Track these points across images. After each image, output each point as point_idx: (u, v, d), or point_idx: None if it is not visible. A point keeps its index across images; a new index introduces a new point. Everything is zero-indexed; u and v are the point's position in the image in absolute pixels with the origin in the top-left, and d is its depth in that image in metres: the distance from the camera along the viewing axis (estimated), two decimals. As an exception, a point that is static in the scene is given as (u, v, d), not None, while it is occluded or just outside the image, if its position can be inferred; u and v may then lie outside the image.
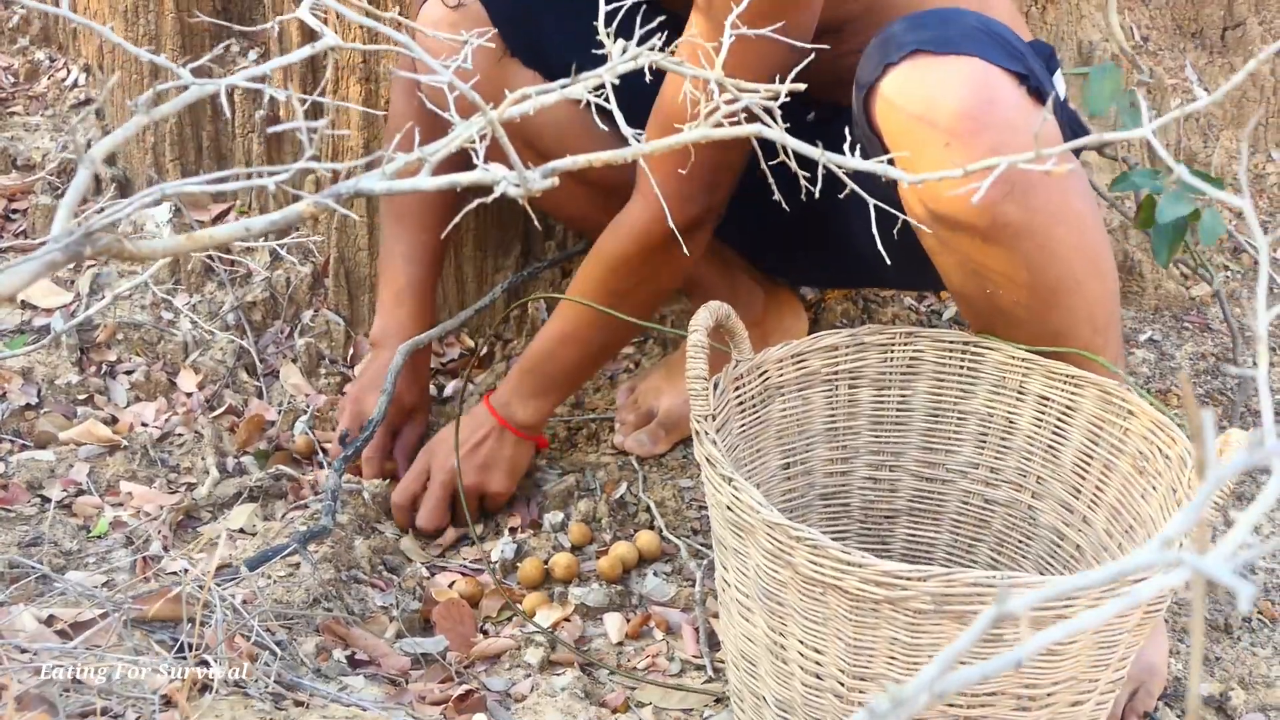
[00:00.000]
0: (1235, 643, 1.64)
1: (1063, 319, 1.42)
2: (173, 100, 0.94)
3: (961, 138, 1.28)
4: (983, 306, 1.45)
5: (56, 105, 2.33)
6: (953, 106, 1.28)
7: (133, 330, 2.01)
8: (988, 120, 1.28)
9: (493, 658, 1.59)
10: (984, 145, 1.27)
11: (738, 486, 1.21)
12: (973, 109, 1.28)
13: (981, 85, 1.29)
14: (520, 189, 0.93)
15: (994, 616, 0.51)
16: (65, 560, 1.63)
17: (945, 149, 1.29)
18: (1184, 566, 0.51)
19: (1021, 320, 1.43)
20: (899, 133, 1.32)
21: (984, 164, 0.96)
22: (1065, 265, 1.38)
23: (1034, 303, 1.40)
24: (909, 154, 1.31)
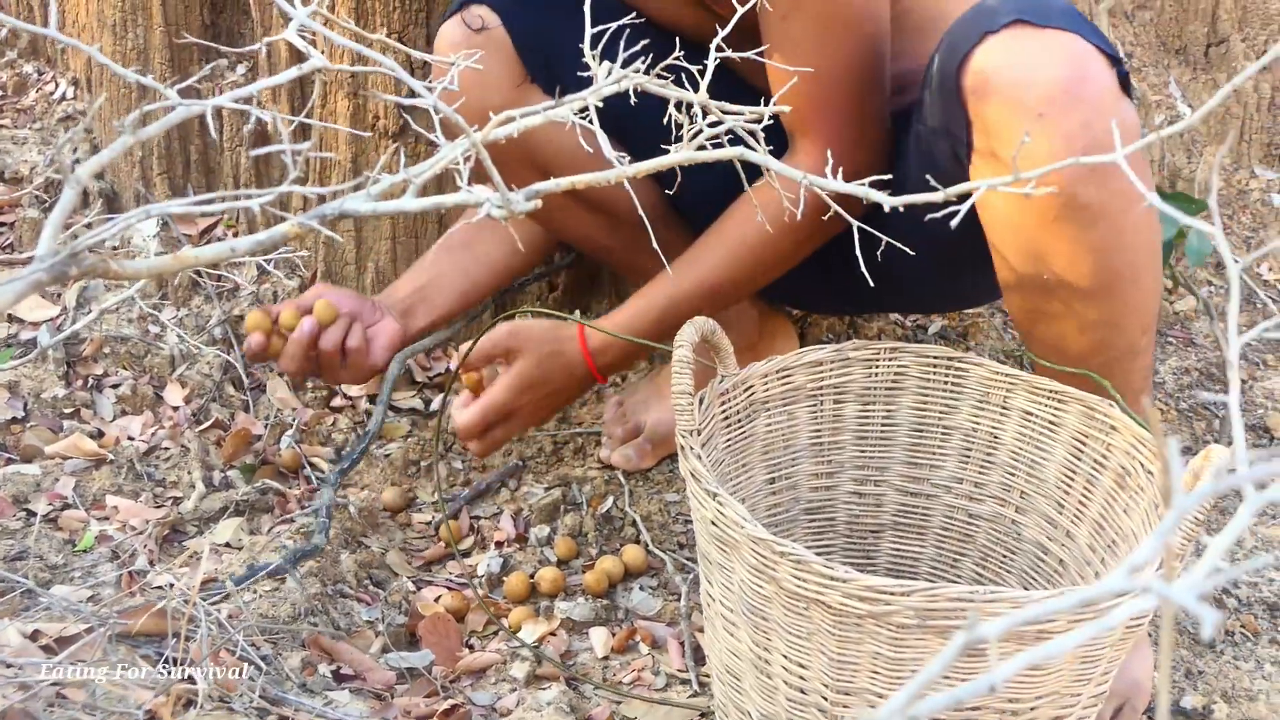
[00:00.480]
0: (1218, 656, 1.64)
1: (1115, 310, 1.41)
2: (159, 121, 0.94)
3: (1056, 109, 1.29)
4: (1034, 294, 1.43)
5: (44, 119, 2.33)
6: (1051, 77, 1.29)
7: (119, 344, 2.01)
8: (1082, 96, 1.29)
9: (478, 672, 1.59)
10: (1076, 120, 1.29)
11: (722, 501, 1.21)
12: (1070, 83, 1.29)
13: (1080, 61, 1.30)
14: (504, 210, 0.94)
15: (964, 643, 0.52)
16: (51, 574, 1.63)
17: (1039, 119, 1.29)
18: (1153, 592, 0.51)
19: (1073, 310, 1.41)
20: (992, 101, 1.32)
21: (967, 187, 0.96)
22: (1130, 254, 1.38)
23: (1093, 289, 1.39)
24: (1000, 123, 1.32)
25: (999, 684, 0.51)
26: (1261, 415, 2.03)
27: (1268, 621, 1.70)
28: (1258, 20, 2.25)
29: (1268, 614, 1.71)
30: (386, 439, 1.95)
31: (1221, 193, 2.20)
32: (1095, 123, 1.29)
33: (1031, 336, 1.48)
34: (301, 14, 1.01)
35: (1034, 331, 1.47)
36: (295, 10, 1.01)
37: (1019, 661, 0.51)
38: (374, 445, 1.94)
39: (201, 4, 2.15)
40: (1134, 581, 0.53)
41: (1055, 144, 1.29)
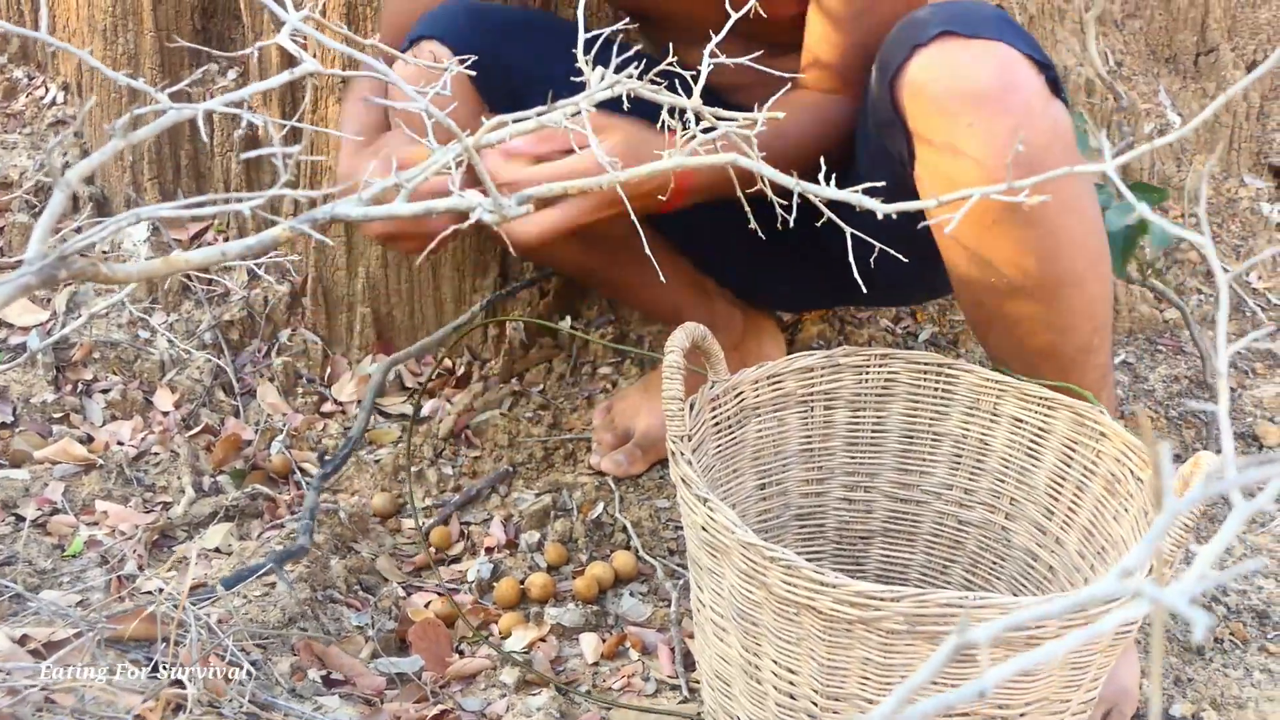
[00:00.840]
0: (1207, 664, 1.65)
1: (1064, 314, 1.42)
2: (150, 125, 0.94)
3: (985, 118, 1.31)
4: (987, 302, 1.44)
5: (35, 123, 2.33)
6: (978, 88, 1.31)
7: (109, 349, 2.01)
8: (1011, 103, 1.31)
9: (468, 678, 1.59)
10: (1005, 127, 1.30)
11: (713, 507, 1.21)
12: (997, 91, 1.31)
13: (1007, 69, 1.32)
14: (495, 215, 0.94)
15: (954, 647, 0.52)
16: (39, 579, 1.63)
17: (969, 129, 1.32)
18: (1144, 597, 0.52)
19: (1023, 315, 1.43)
20: (925, 113, 1.34)
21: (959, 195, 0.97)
22: (1071, 258, 1.39)
23: (1038, 294, 1.41)
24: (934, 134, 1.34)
25: (989, 689, 0.51)
26: (1250, 423, 2.04)
27: (1256, 629, 1.70)
28: (1247, 29, 2.26)
29: (1256, 621, 1.71)
30: (377, 444, 1.95)
31: (1211, 201, 2.21)
32: (1024, 126, 1.31)
33: (988, 342, 1.51)
34: (294, 19, 1.01)
35: (989, 337, 1.49)
36: (288, 15, 1.01)
37: (1009, 667, 0.51)
38: (364, 450, 1.94)
39: (192, 9, 2.15)
40: (1125, 586, 0.53)
41: (987, 152, 1.31)
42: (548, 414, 1.95)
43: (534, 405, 1.97)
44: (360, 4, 1.93)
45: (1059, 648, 0.52)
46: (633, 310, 2.02)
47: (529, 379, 2.01)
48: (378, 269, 2.05)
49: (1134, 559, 0.55)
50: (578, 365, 2.03)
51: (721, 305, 1.90)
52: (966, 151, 1.32)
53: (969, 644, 0.51)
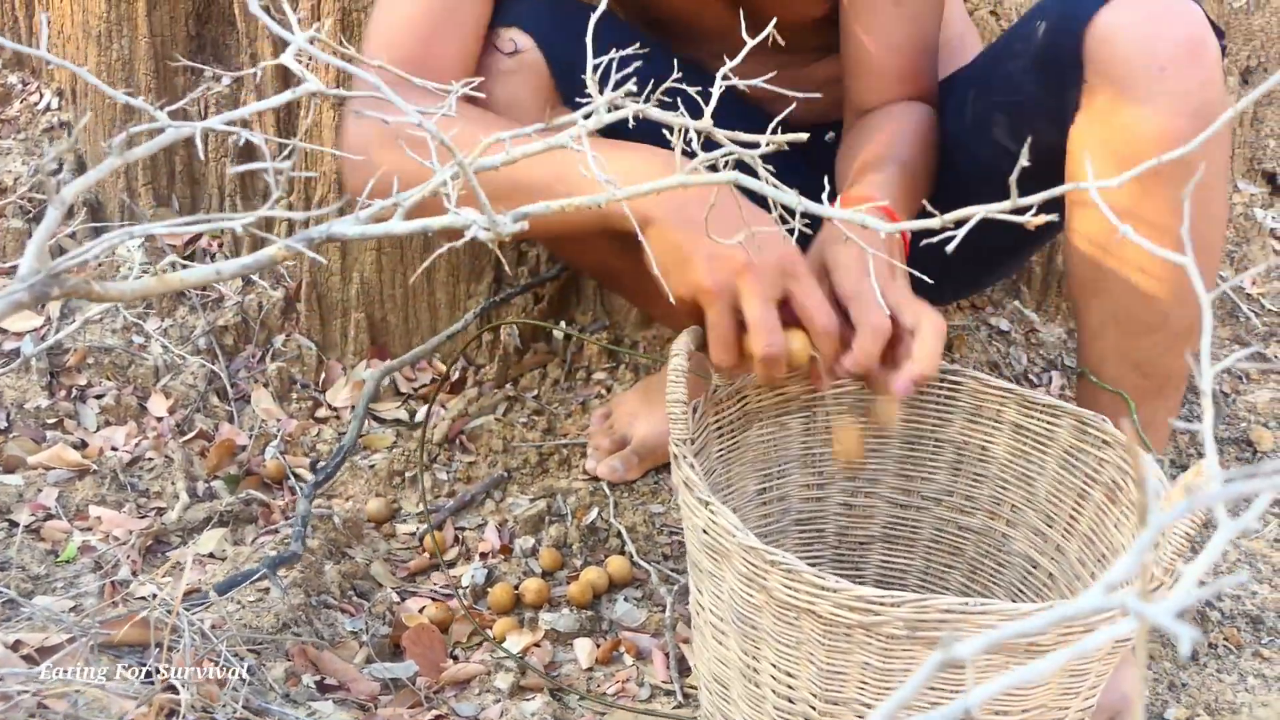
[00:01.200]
0: (1201, 669, 1.65)
1: (1189, 284, 1.41)
2: (147, 144, 0.94)
3: (1178, 65, 1.33)
4: (1104, 262, 1.43)
5: (29, 129, 2.32)
6: (1176, 35, 1.33)
7: (103, 354, 2.01)
8: (1202, 56, 1.34)
9: (462, 683, 1.58)
10: (1195, 78, 1.33)
11: (714, 510, 1.21)
12: (1192, 44, 1.34)
13: (1200, 26, 1.35)
14: (490, 233, 0.94)
15: (939, 662, 0.51)
16: (33, 585, 1.62)
17: (1160, 74, 1.33)
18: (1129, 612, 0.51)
19: (1145, 281, 1.42)
20: (1117, 54, 1.35)
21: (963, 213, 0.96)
22: (1209, 226, 1.41)
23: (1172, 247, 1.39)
24: (1122, 80, 1.35)
25: (975, 708, 0.51)
26: (1244, 429, 2.04)
27: (1250, 634, 1.70)
28: (1240, 35, 2.26)
29: (1250, 627, 1.71)
30: (371, 450, 1.94)
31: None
32: (1210, 84, 1.33)
33: (1091, 305, 1.47)
34: (300, 39, 1.00)
35: (1096, 299, 1.46)
36: (293, 36, 1.01)
37: (996, 685, 0.51)
38: (358, 456, 1.93)
39: (187, 15, 2.15)
40: (1111, 599, 0.53)
41: (1175, 98, 1.33)
42: (542, 419, 1.95)
43: (529, 410, 1.96)
44: (355, 10, 1.93)
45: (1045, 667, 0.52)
46: (631, 313, 2.02)
47: (524, 384, 2.01)
48: (372, 274, 2.04)
49: (1120, 572, 0.55)
50: (572, 370, 2.02)
51: None
52: (1154, 97, 1.33)
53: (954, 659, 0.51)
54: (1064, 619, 0.53)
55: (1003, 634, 0.53)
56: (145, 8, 2.11)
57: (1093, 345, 1.48)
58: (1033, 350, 2.06)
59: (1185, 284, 1.41)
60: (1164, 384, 1.47)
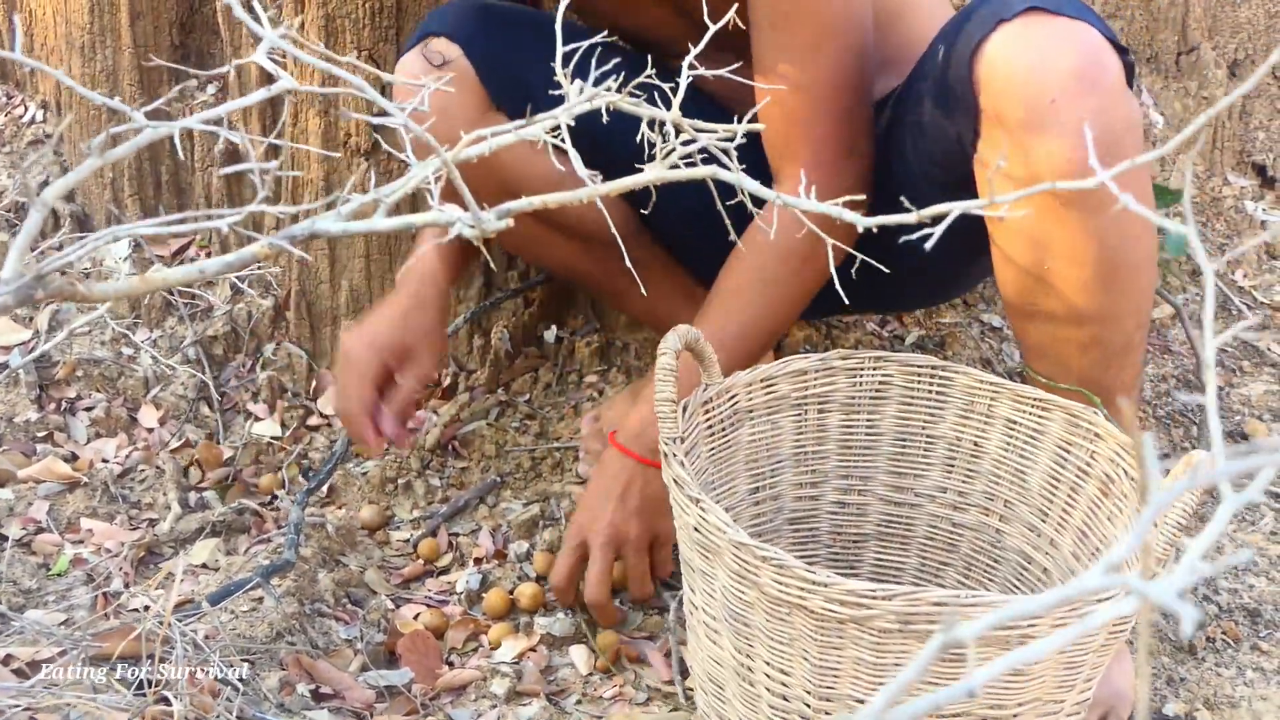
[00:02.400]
0: (1200, 663, 1.64)
1: (1114, 303, 1.40)
2: (127, 143, 0.93)
3: (1069, 96, 1.30)
4: (1032, 286, 1.42)
5: (14, 142, 2.32)
6: (1066, 65, 1.30)
7: (93, 366, 2.00)
8: (1096, 84, 1.30)
9: (458, 689, 1.57)
10: (1089, 107, 1.29)
11: (705, 508, 1.21)
12: (1085, 71, 1.30)
13: (1095, 50, 1.31)
14: (475, 230, 0.93)
15: (941, 644, 0.51)
16: (25, 599, 1.61)
17: (1050, 105, 1.30)
18: (1131, 592, 0.51)
19: (1071, 302, 1.40)
20: (1006, 87, 1.33)
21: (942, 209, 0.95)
22: (1132, 247, 1.38)
23: (1092, 282, 1.38)
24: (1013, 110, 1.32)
25: (977, 689, 0.50)
26: (1239, 421, 2.04)
27: (1249, 628, 1.70)
28: (1227, 28, 2.26)
29: (1248, 620, 1.71)
30: (363, 457, 1.94)
31: (1195, 200, 2.21)
32: (1108, 109, 1.30)
33: (1026, 332, 1.47)
34: (271, 36, 1.00)
35: (1029, 327, 1.46)
36: (265, 32, 1.00)
37: (998, 666, 0.51)
38: (351, 464, 1.93)
39: (171, 25, 2.14)
40: (1112, 579, 0.53)
41: (1068, 130, 1.30)
42: (535, 423, 1.94)
43: (521, 415, 1.96)
44: (339, 17, 1.93)
45: (1049, 645, 0.51)
46: (622, 315, 2.02)
47: (515, 389, 2.00)
48: (361, 281, 2.03)
49: (1121, 552, 0.54)
50: (564, 374, 2.02)
51: None
52: (1047, 130, 1.30)
53: (956, 641, 0.50)
54: (1067, 599, 0.52)
55: (1007, 613, 0.52)
56: (128, 18, 2.10)
57: (1037, 365, 1.48)
58: (1025, 346, 2.05)
59: (1111, 304, 1.40)
60: (1109, 396, 1.46)
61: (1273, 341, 2.16)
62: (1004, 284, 1.46)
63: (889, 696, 0.51)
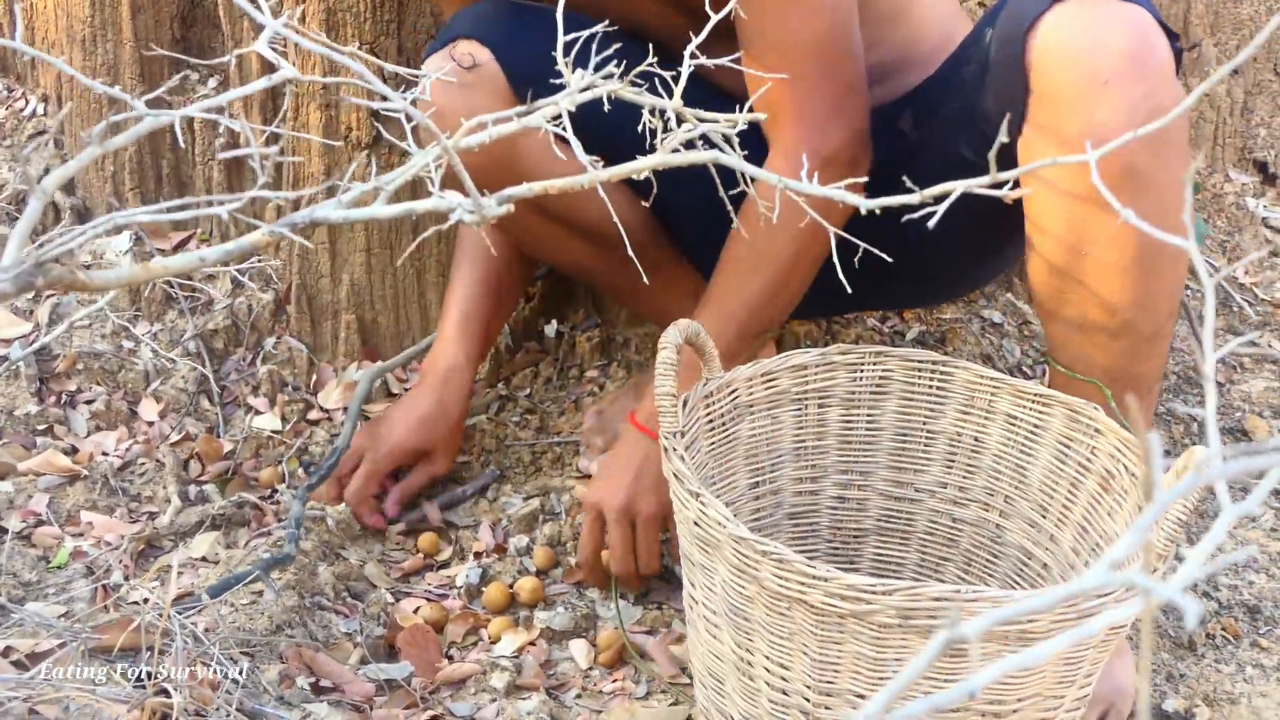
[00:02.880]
0: (1199, 659, 1.64)
1: (1149, 288, 1.40)
2: (127, 131, 0.93)
3: (1122, 78, 1.30)
4: (1067, 270, 1.41)
5: (15, 135, 2.32)
6: (1118, 46, 1.31)
7: (93, 359, 2.00)
8: (1147, 66, 1.31)
9: (458, 683, 1.57)
10: (1140, 90, 1.30)
11: (705, 502, 1.21)
12: (1136, 53, 1.31)
13: (1147, 32, 1.32)
14: (475, 216, 0.93)
15: (945, 641, 0.51)
16: (24, 591, 1.61)
17: (1103, 86, 1.30)
18: (1135, 589, 0.51)
19: (1105, 288, 1.40)
20: (1058, 67, 1.33)
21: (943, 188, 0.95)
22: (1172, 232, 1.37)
23: (1133, 268, 1.38)
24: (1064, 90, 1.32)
25: (978, 691, 0.50)
26: (1239, 418, 2.03)
27: (1248, 624, 1.70)
28: (1229, 25, 2.26)
29: (1248, 616, 1.71)
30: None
31: (1197, 197, 2.21)
32: (1158, 93, 1.31)
33: (1054, 317, 1.46)
34: (274, 25, 1.00)
35: (1059, 312, 1.45)
36: (266, 20, 1.00)
37: (1000, 667, 0.50)
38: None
39: (172, 18, 2.14)
40: (1116, 576, 0.53)
41: (1119, 112, 1.30)
42: (535, 418, 1.94)
43: (521, 409, 1.96)
44: (340, 10, 1.92)
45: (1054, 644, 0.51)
46: (623, 310, 2.01)
47: (515, 383, 2.00)
48: (362, 275, 2.03)
49: (1123, 549, 0.54)
50: (564, 369, 2.02)
51: None
52: (1097, 110, 1.31)
53: (959, 638, 0.50)
54: (1070, 596, 0.52)
55: (1010, 610, 0.52)
56: (129, 11, 2.10)
57: (1060, 355, 1.48)
58: (1025, 342, 2.05)
59: (1146, 291, 1.40)
60: (1134, 387, 1.46)
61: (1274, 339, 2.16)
62: (1036, 268, 1.45)
63: (891, 693, 0.51)
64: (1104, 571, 0.53)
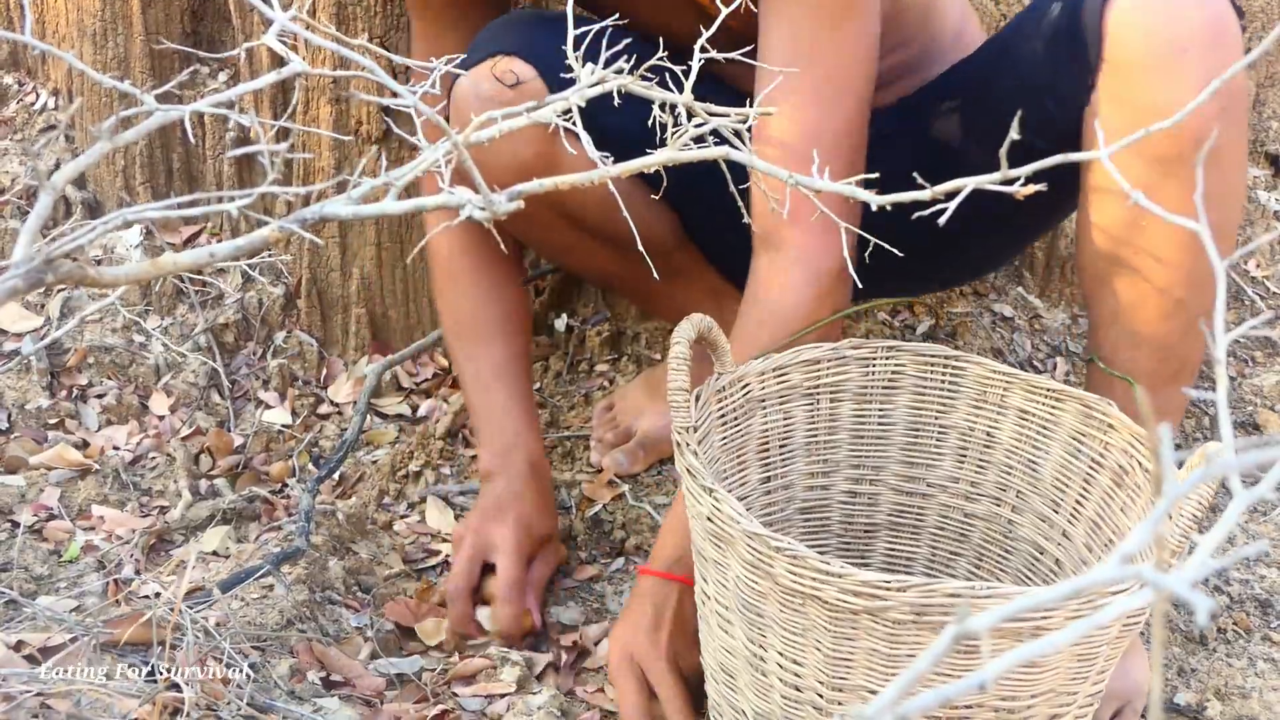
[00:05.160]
0: (1211, 654, 1.64)
1: (1204, 268, 1.38)
2: (137, 126, 0.93)
3: (1200, 46, 1.31)
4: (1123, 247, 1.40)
5: (25, 130, 2.32)
6: (1197, 16, 1.32)
7: (104, 353, 2.00)
8: (1224, 37, 1.32)
9: (468, 677, 1.57)
10: (1216, 59, 1.31)
11: (718, 497, 1.20)
12: (1213, 23, 1.32)
13: (1222, 7, 1.33)
14: (485, 212, 0.93)
15: (955, 635, 0.51)
16: (36, 585, 1.61)
17: (1182, 54, 1.31)
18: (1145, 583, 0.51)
19: (1160, 262, 1.38)
20: (1137, 38, 1.34)
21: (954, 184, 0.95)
22: (1234, 208, 1.39)
23: (1193, 243, 1.37)
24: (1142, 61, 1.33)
25: (989, 683, 0.50)
26: (1251, 412, 2.03)
27: (1260, 619, 1.69)
28: (1241, 19, 2.25)
29: (1259, 611, 1.70)
30: (374, 445, 1.94)
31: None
32: (1232, 63, 1.31)
33: (1105, 290, 1.44)
34: (282, 18, 1.00)
35: (1111, 284, 1.43)
36: (275, 14, 1.00)
37: (1010, 659, 0.50)
38: (362, 452, 1.92)
39: (182, 12, 2.14)
40: (1126, 571, 0.52)
41: (1196, 81, 1.31)
42: (545, 412, 1.94)
43: (532, 404, 1.95)
44: (350, 4, 1.92)
45: (1062, 638, 0.51)
46: (633, 305, 2.01)
47: (526, 378, 2.00)
48: (372, 269, 2.03)
49: (1135, 543, 0.54)
50: (574, 363, 2.01)
51: (729, 304, 1.88)
52: (1175, 79, 1.31)
53: (969, 633, 0.50)
54: (1080, 590, 0.52)
55: (1020, 604, 0.52)
56: (140, 5, 2.10)
57: (1106, 332, 1.46)
58: (1036, 336, 2.05)
59: (1202, 268, 1.39)
60: (1180, 369, 1.45)
61: (1285, 332, 2.15)
62: (1090, 243, 1.43)
63: (902, 687, 0.50)
64: (1114, 565, 0.53)
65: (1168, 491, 0.54)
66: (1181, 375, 1.45)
